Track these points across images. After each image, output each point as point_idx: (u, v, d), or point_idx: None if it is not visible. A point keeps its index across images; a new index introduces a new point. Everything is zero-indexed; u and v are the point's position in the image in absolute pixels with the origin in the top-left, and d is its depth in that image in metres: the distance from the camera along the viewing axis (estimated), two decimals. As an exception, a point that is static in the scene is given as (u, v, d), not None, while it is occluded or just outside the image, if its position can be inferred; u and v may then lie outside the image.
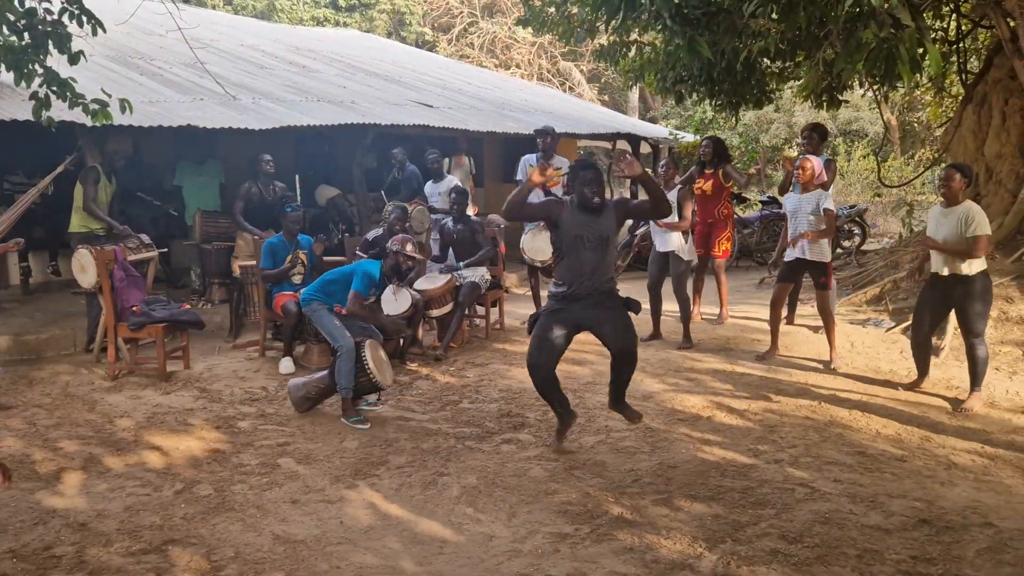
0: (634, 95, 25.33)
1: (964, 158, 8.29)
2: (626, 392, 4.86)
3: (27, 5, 5.34)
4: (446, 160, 9.66)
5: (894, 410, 5.42)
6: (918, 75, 5.52)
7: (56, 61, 5.57)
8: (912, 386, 5.82)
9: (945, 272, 5.45)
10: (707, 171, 7.65)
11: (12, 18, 5.29)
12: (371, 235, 7.29)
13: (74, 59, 5.48)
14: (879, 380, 6.05)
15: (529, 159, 8.03)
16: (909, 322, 6.97)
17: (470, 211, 8.08)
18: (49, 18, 5.38)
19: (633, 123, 16.46)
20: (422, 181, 9.42)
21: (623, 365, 4.75)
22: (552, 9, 8.72)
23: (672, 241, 7.04)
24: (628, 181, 18.25)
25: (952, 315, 5.82)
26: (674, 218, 6.94)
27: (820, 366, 6.37)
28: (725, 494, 4.17)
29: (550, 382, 4.73)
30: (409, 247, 5.77)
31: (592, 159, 4.35)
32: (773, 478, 4.35)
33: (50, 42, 5.40)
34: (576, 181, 4.61)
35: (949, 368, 6.21)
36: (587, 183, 4.56)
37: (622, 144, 15.90)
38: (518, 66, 26.87)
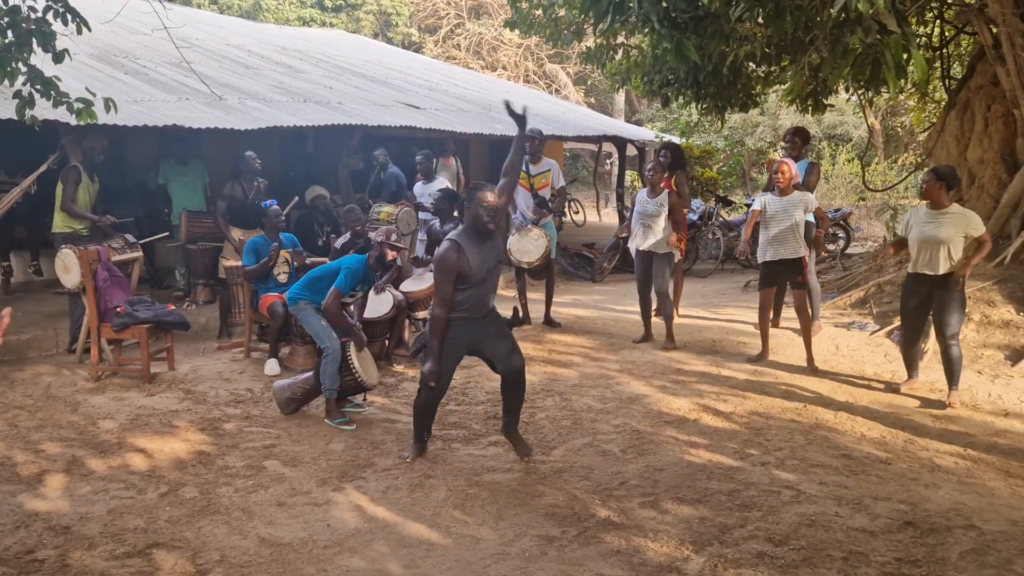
0: (620, 98, 25.42)
1: (947, 163, 8.35)
2: (519, 421, 4.86)
3: (11, 3, 5.29)
4: (434, 161, 9.64)
5: (878, 413, 5.46)
6: (903, 80, 5.56)
7: (40, 59, 5.52)
8: (897, 388, 5.86)
9: (925, 272, 5.53)
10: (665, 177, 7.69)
11: (-5, 15, 5.24)
12: (339, 243, 7.24)
13: (58, 57, 5.44)
14: (864, 383, 6.09)
15: (517, 161, 8.02)
16: (894, 325, 7.04)
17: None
18: (33, 16, 5.33)
19: (619, 125, 16.51)
20: (403, 183, 9.40)
21: (513, 387, 4.74)
22: (539, 11, 8.73)
23: (655, 240, 7.05)
24: (615, 180, 18.31)
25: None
26: (662, 220, 7.01)
27: (805, 369, 6.40)
28: (712, 496, 4.19)
29: (436, 407, 4.81)
30: (394, 237, 5.78)
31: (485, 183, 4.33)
32: (759, 481, 4.37)
33: (34, 40, 5.36)
34: (472, 203, 4.42)
35: (932, 371, 6.26)
36: (484, 205, 4.38)
37: (608, 147, 15.95)
38: (504, 68, 26.89)
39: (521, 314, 6.06)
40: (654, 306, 7.46)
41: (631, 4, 5.83)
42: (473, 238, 4.45)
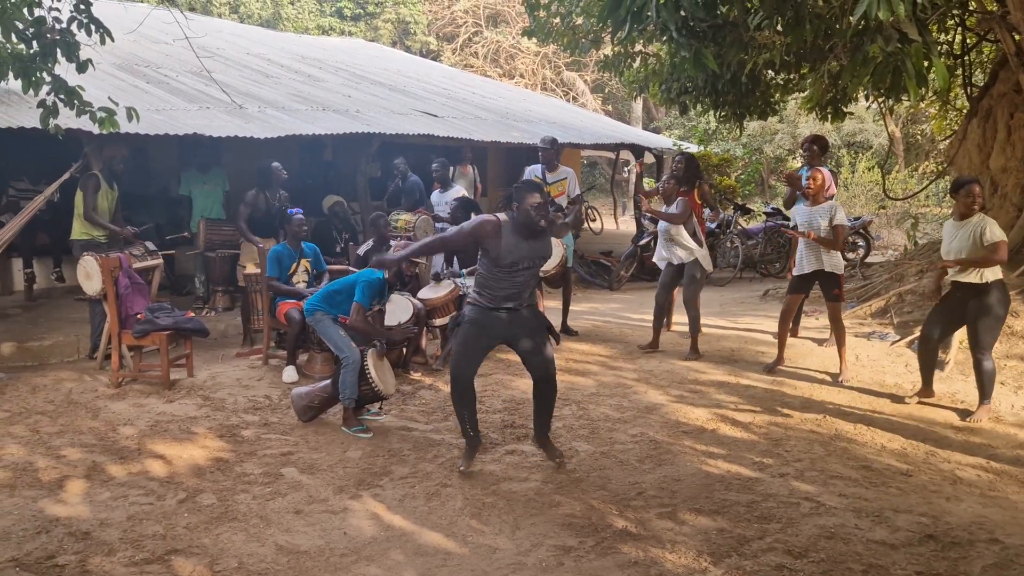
0: (638, 105, 25.41)
1: (969, 171, 8.29)
2: (550, 426, 4.90)
3: (36, 13, 5.37)
4: (451, 169, 9.68)
5: (899, 424, 5.41)
6: (924, 89, 5.51)
7: (64, 69, 5.60)
8: (918, 397, 5.81)
9: (961, 280, 5.46)
10: (681, 189, 7.68)
11: (21, 26, 5.33)
12: (362, 249, 7.27)
13: (82, 67, 5.52)
14: (884, 393, 6.03)
15: (533, 169, 8.05)
16: (914, 335, 6.96)
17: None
18: (58, 27, 5.41)
19: (636, 133, 16.50)
20: (424, 191, 9.43)
21: (545, 391, 4.77)
22: (557, 20, 8.74)
23: (688, 253, 7.03)
24: (632, 188, 18.28)
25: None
26: (681, 229, 7.01)
27: (826, 379, 6.35)
28: (730, 508, 4.15)
29: (470, 394, 4.72)
30: None
31: (536, 180, 4.56)
32: (778, 492, 4.33)
33: (59, 50, 5.44)
34: (523, 202, 4.47)
35: (954, 382, 6.20)
36: (536, 207, 4.47)
37: (625, 154, 15.93)
38: (522, 76, 26.95)
39: None
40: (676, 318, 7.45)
41: (649, 13, 5.81)
42: (520, 231, 4.52)
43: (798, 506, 4.15)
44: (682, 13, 5.81)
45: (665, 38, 6.76)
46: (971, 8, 8.57)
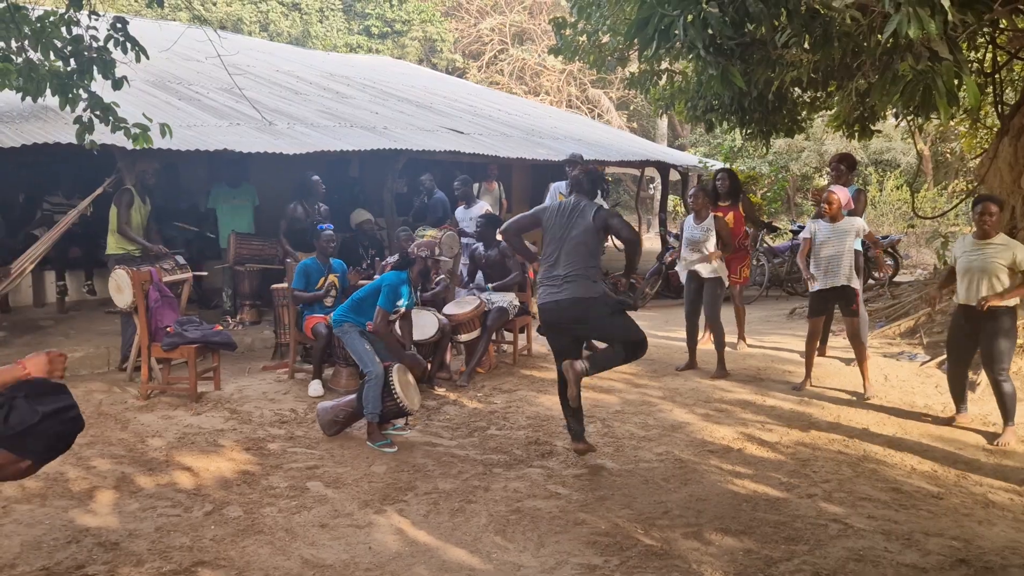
0: (663, 122, 25.37)
1: (1000, 190, 8.18)
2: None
3: (74, 32, 5.50)
4: (476, 186, 9.72)
5: (929, 446, 5.32)
6: (954, 107, 5.46)
7: (100, 86, 5.72)
8: (950, 420, 5.73)
9: (970, 304, 5.40)
10: (724, 203, 7.68)
11: (60, 44, 5.46)
12: (388, 260, 7.33)
13: (117, 84, 5.64)
14: (914, 414, 5.94)
15: (558, 186, 8.07)
16: (944, 356, 6.87)
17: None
18: (95, 45, 5.54)
19: (662, 150, 16.47)
20: (449, 208, 9.49)
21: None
22: (583, 38, 8.77)
23: (707, 265, 7.04)
24: (658, 205, 18.24)
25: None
26: (710, 245, 7.00)
27: (853, 398, 6.28)
28: (757, 528, 4.11)
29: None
30: (436, 251, 5.82)
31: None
32: (806, 513, 4.28)
33: (95, 68, 5.56)
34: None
35: (986, 403, 6.09)
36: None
37: (650, 171, 15.92)
38: (547, 93, 27.05)
39: None
40: (702, 335, 7.40)
41: (677, 31, 5.82)
42: None
43: (826, 528, 4.10)
44: (710, 31, 5.81)
45: (692, 56, 6.76)
46: (1002, 26, 8.49)
